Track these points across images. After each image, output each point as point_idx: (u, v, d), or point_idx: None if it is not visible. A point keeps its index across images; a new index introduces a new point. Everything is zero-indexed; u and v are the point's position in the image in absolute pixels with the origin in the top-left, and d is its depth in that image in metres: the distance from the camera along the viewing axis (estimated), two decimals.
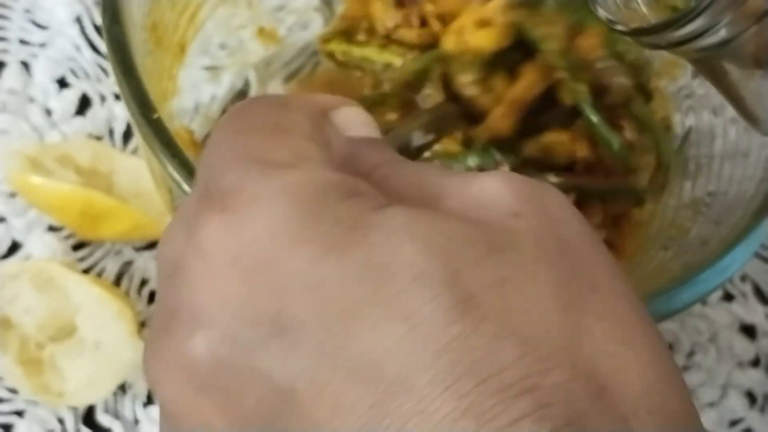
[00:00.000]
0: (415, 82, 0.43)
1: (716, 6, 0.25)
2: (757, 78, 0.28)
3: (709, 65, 0.31)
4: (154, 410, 0.44)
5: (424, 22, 0.44)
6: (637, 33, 0.30)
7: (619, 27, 0.31)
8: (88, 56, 0.51)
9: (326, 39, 0.48)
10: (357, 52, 0.47)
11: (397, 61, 0.45)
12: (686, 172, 0.42)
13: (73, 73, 0.51)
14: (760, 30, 0.25)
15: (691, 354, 0.49)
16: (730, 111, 0.32)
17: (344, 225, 0.18)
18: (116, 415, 0.43)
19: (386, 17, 0.46)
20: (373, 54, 0.47)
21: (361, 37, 0.47)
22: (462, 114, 0.41)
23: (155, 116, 0.31)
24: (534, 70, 0.41)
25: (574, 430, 0.16)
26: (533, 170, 0.41)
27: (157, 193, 0.40)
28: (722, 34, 0.26)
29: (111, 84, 0.51)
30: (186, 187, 0.30)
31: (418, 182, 0.21)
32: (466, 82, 0.41)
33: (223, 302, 0.18)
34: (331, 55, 0.48)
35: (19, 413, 0.43)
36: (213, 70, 0.47)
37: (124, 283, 0.46)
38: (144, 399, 0.44)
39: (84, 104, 0.50)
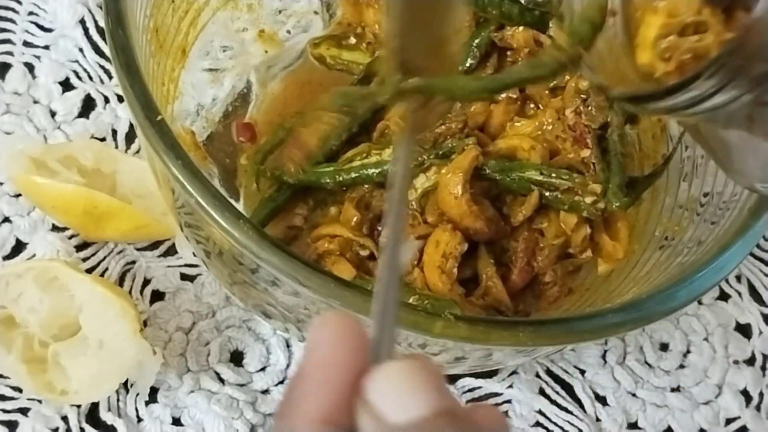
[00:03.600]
0: None
1: (723, 72, 0.25)
2: (743, 136, 0.29)
3: (695, 126, 0.32)
4: (156, 408, 0.44)
5: None
6: (635, 100, 0.30)
7: (616, 93, 0.31)
8: (91, 58, 0.52)
9: (316, 43, 0.48)
10: (346, 55, 0.48)
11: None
12: (682, 172, 0.42)
13: (77, 75, 0.51)
14: (756, 96, 0.26)
15: (686, 353, 0.49)
16: None
17: None
18: (119, 413, 0.43)
19: (377, 23, 0.47)
20: (361, 57, 0.48)
21: (350, 41, 0.48)
22: None
23: (159, 118, 0.31)
24: None
25: None
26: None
27: (159, 193, 0.40)
28: (717, 100, 0.26)
29: (114, 86, 0.51)
30: (189, 187, 0.30)
31: None
32: None
33: None
34: (320, 59, 0.49)
35: (24, 411, 0.43)
36: (214, 72, 0.47)
37: (127, 282, 0.46)
38: (146, 397, 0.44)
39: (87, 106, 0.50)
